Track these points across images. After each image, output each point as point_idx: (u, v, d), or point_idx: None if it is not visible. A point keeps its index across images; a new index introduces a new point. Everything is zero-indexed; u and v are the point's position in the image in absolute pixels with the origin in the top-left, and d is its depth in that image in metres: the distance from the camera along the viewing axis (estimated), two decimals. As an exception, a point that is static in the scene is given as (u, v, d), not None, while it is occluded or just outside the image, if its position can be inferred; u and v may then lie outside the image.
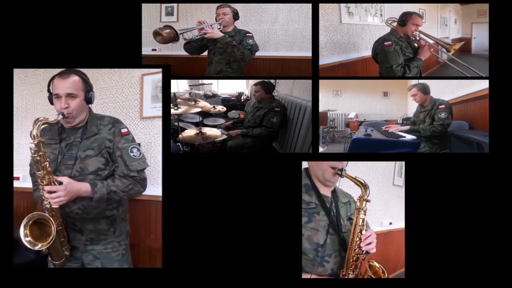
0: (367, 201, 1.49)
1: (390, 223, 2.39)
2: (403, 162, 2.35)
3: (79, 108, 1.75)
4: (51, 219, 1.68)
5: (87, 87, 1.78)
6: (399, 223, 2.38)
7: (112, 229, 1.82)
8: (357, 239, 1.46)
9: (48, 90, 1.77)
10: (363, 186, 1.49)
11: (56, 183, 1.65)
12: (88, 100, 1.78)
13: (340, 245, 1.48)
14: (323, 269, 1.47)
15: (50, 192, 1.62)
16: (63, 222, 1.76)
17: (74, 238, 1.79)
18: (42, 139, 1.64)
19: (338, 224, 1.46)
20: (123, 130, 1.80)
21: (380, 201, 1.51)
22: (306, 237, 1.46)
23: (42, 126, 1.67)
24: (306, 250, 1.46)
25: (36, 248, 1.67)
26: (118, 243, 1.84)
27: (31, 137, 1.62)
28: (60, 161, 1.75)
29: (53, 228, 1.67)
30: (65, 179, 1.65)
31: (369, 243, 1.48)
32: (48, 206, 1.67)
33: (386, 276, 1.58)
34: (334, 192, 1.53)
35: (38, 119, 1.64)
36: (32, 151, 1.63)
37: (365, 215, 1.48)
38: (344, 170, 1.44)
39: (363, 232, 1.47)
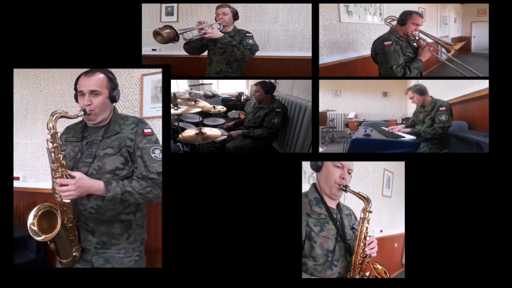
0: (370, 212, 1.68)
1: (381, 231, 2.51)
2: (391, 174, 2.53)
3: (102, 106, 1.72)
4: (58, 211, 1.67)
5: (112, 86, 1.76)
6: (389, 231, 2.57)
7: (126, 234, 1.76)
8: (362, 244, 1.65)
9: (75, 89, 1.76)
10: (366, 199, 1.67)
11: (69, 177, 1.64)
12: (112, 98, 1.75)
13: (346, 250, 1.66)
14: (332, 272, 1.64)
15: (61, 185, 1.61)
16: (75, 220, 1.73)
17: (85, 239, 1.75)
18: (57, 130, 1.65)
19: (343, 233, 1.65)
20: (146, 131, 1.74)
21: (371, 210, 1.72)
22: (318, 244, 1.63)
23: (61, 120, 1.67)
24: (317, 256, 1.62)
25: (39, 238, 1.64)
26: (132, 249, 1.78)
27: (47, 128, 1.62)
28: (79, 158, 1.72)
29: (58, 218, 1.65)
30: (78, 174, 1.63)
31: (372, 248, 1.67)
32: (59, 199, 1.66)
33: (388, 276, 1.76)
34: (338, 205, 1.71)
35: (56, 111, 1.64)
36: (48, 142, 1.63)
37: (368, 223, 1.67)
38: (348, 186, 1.64)
39: (367, 238, 1.66)
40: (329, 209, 1.66)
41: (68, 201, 1.66)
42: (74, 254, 1.75)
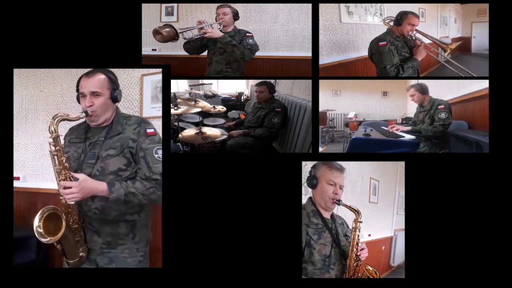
0: (360, 222, 1.87)
1: (369, 235, 2.58)
2: (377, 182, 2.66)
3: (104, 107, 1.73)
4: (63, 213, 1.68)
5: (113, 86, 1.76)
6: (377, 235, 2.68)
7: (131, 234, 1.77)
8: (355, 249, 1.84)
9: (77, 90, 1.76)
10: (357, 212, 1.87)
11: (72, 179, 1.64)
12: (114, 99, 1.76)
13: (340, 255, 1.84)
14: (329, 275, 1.82)
15: (65, 187, 1.61)
16: (80, 221, 1.74)
17: (91, 240, 1.76)
18: (59, 134, 1.66)
19: (338, 240, 1.83)
20: (149, 131, 1.74)
21: (362, 221, 1.90)
22: (317, 251, 1.80)
23: (63, 123, 1.68)
24: (316, 261, 1.79)
25: (45, 240, 1.66)
26: (136, 249, 1.79)
27: (49, 131, 1.63)
28: (83, 159, 1.72)
29: (63, 221, 1.67)
30: (81, 176, 1.64)
31: (363, 253, 1.86)
32: (63, 201, 1.67)
33: (378, 276, 1.93)
34: (332, 215, 1.89)
35: (57, 114, 1.65)
36: (51, 146, 1.64)
37: (359, 232, 1.87)
38: (341, 200, 1.83)
39: (359, 244, 1.85)
40: (324, 219, 1.84)
41: (73, 203, 1.67)
42: (80, 254, 1.76)
